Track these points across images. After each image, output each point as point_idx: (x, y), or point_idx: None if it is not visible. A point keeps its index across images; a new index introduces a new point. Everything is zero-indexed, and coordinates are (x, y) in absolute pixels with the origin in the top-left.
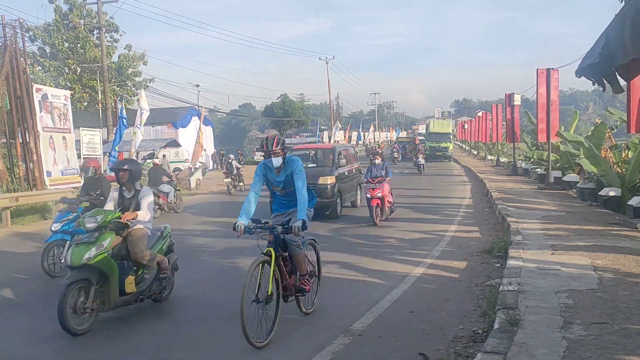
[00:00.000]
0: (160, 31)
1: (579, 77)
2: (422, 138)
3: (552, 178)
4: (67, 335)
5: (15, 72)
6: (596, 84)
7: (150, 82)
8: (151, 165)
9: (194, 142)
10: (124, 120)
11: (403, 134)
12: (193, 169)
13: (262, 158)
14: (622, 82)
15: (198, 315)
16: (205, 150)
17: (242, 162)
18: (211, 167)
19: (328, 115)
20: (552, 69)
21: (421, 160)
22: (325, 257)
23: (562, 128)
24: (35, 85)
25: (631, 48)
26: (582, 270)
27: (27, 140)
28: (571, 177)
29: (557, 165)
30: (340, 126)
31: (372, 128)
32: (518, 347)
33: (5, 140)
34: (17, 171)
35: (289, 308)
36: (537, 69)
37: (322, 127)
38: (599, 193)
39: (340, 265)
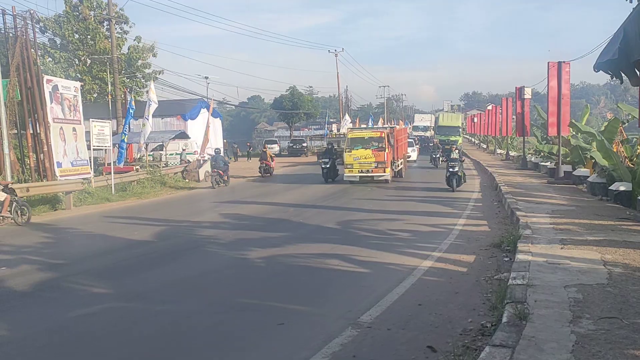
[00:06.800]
0: (170, 23)
1: (597, 72)
2: (421, 134)
3: (562, 172)
4: (81, 320)
5: (26, 63)
6: (613, 77)
7: (159, 74)
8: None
9: (203, 134)
10: (131, 111)
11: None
12: (202, 161)
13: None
14: None
15: (206, 305)
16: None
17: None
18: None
19: (337, 107)
20: (564, 62)
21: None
22: (334, 250)
23: (573, 122)
24: (46, 77)
25: None
26: (592, 265)
27: (38, 131)
28: (582, 171)
29: (568, 159)
30: (349, 119)
31: (381, 121)
32: (527, 341)
33: (16, 131)
34: (28, 162)
35: (297, 300)
36: (549, 62)
37: (331, 120)
38: (610, 187)
39: (349, 258)
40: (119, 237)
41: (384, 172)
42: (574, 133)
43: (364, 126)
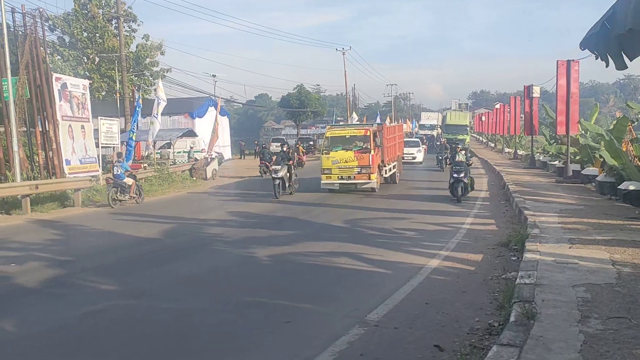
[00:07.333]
0: (178, 21)
1: (582, 50)
2: (428, 132)
3: (571, 171)
4: (85, 318)
5: (35, 61)
6: (599, 58)
7: (167, 72)
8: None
9: (210, 132)
10: (138, 109)
11: (408, 125)
12: (209, 159)
13: (278, 148)
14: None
15: (212, 303)
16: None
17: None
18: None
19: (344, 106)
20: (573, 60)
21: None
22: (341, 248)
23: (582, 120)
24: (55, 75)
25: (631, 19)
26: (601, 265)
27: (47, 128)
28: (590, 170)
29: (576, 158)
30: (357, 117)
31: (388, 120)
32: (534, 341)
33: (25, 129)
34: (37, 159)
35: (304, 299)
36: (557, 61)
37: (338, 118)
38: (619, 187)
39: (356, 257)
40: (126, 235)
41: (369, 178)
42: (583, 132)
43: (371, 122)
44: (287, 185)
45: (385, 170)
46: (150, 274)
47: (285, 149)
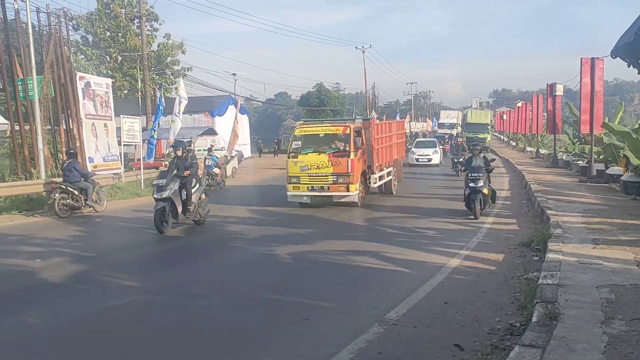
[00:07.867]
0: (199, 20)
1: (614, 58)
2: (447, 131)
3: (595, 171)
4: (101, 314)
5: (60, 60)
6: (631, 66)
7: (188, 71)
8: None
9: (231, 131)
10: (161, 108)
11: (427, 124)
12: (229, 157)
13: None
14: None
15: (227, 301)
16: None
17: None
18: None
19: (364, 104)
20: (597, 58)
21: None
22: (360, 247)
23: (606, 119)
24: (79, 74)
25: None
26: (625, 265)
27: (71, 127)
28: (615, 170)
29: (600, 157)
30: (376, 115)
31: (408, 118)
32: (557, 341)
33: (50, 127)
34: (61, 157)
35: (322, 297)
36: (582, 59)
37: (358, 117)
38: None
39: (376, 255)
40: (148, 232)
41: (348, 190)
42: (606, 132)
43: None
44: (179, 210)
45: (375, 179)
46: (169, 270)
47: (180, 153)
